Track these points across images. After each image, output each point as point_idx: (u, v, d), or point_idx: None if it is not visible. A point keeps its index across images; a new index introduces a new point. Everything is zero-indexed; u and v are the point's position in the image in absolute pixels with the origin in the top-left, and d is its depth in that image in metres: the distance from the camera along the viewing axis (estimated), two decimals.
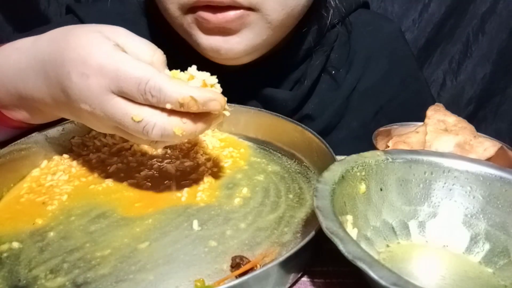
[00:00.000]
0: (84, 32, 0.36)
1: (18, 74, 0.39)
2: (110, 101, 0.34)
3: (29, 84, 0.39)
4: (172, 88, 0.32)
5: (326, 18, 0.59)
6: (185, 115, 0.34)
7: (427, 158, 0.35)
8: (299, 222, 0.37)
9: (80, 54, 0.34)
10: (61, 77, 0.35)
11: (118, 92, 0.33)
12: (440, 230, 0.34)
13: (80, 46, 0.34)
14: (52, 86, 0.37)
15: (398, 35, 0.68)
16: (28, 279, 0.30)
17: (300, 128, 0.47)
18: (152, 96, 0.32)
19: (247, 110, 0.52)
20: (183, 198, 0.40)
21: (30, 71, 0.38)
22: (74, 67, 0.34)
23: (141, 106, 0.34)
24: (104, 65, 0.33)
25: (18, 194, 0.40)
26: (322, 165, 0.39)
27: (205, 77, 0.35)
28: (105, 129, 0.37)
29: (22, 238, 0.34)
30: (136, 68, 0.33)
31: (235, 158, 0.48)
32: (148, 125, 0.33)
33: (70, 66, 0.34)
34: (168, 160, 0.46)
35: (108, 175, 0.43)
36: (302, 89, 0.60)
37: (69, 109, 0.37)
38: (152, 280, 0.30)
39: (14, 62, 0.39)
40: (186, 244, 0.34)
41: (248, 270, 0.30)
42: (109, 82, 0.33)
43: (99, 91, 0.33)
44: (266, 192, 0.41)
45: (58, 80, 0.36)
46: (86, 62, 0.34)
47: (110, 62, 0.33)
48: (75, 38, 0.35)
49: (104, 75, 0.33)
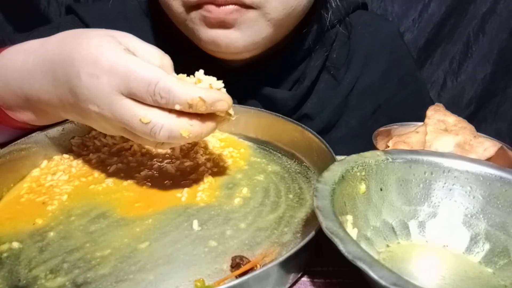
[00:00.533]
0: (96, 34, 0.36)
1: (25, 75, 0.39)
2: (119, 102, 0.34)
3: (36, 85, 0.39)
4: (181, 89, 0.33)
5: (326, 19, 0.59)
6: (192, 117, 0.35)
7: (427, 158, 0.35)
8: (299, 222, 0.37)
9: (91, 54, 0.34)
10: (70, 77, 0.35)
11: (127, 93, 0.34)
12: (440, 230, 0.34)
13: (91, 47, 0.35)
14: (60, 87, 0.37)
15: (397, 35, 0.68)
16: (28, 279, 0.30)
17: (300, 128, 0.47)
18: (161, 97, 0.33)
19: (247, 110, 0.52)
20: (183, 198, 0.40)
21: (38, 72, 0.38)
22: (84, 67, 0.34)
23: (149, 107, 0.34)
24: (114, 66, 0.33)
25: (18, 194, 0.40)
26: (322, 165, 0.39)
27: (212, 81, 0.36)
28: (112, 130, 0.38)
29: (22, 238, 0.34)
30: (146, 69, 0.33)
31: (235, 158, 0.48)
32: (156, 126, 0.34)
33: (80, 66, 0.34)
34: (168, 160, 0.46)
35: (108, 175, 0.43)
36: (301, 88, 0.60)
37: (75, 110, 0.38)
38: (152, 280, 0.30)
39: (22, 63, 0.39)
40: (186, 244, 0.34)
41: (248, 270, 0.30)
42: (119, 83, 0.33)
43: (108, 92, 0.34)
44: (266, 192, 0.41)
45: (67, 80, 0.36)
46: (97, 63, 0.34)
47: (121, 63, 0.33)
48: (86, 40, 0.36)
49: (114, 76, 0.33)
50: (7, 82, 0.40)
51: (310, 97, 0.62)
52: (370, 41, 0.64)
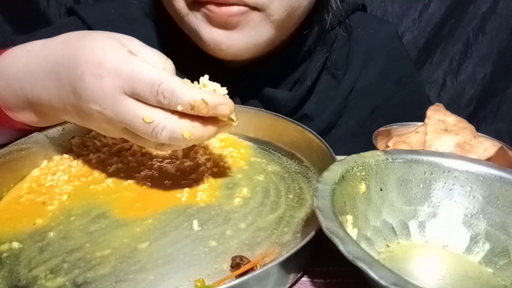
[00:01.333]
0: (99, 37, 0.36)
1: (27, 75, 0.39)
2: (123, 102, 0.34)
3: (37, 85, 0.39)
4: (184, 91, 0.33)
5: (326, 20, 0.59)
6: (194, 120, 0.35)
7: (427, 158, 0.35)
8: (299, 222, 0.37)
9: (95, 56, 0.35)
10: (73, 78, 0.35)
11: (131, 94, 0.34)
12: (440, 230, 0.34)
13: (95, 49, 0.35)
14: (62, 87, 0.37)
15: (395, 36, 0.69)
16: (28, 279, 0.30)
17: (300, 128, 0.47)
18: (164, 97, 0.33)
19: (247, 110, 0.52)
20: (183, 198, 0.40)
21: (40, 72, 0.38)
22: (89, 68, 0.35)
23: (152, 108, 0.34)
24: (119, 67, 0.34)
25: (18, 194, 0.40)
26: (322, 165, 0.39)
27: (216, 87, 0.37)
28: (112, 131, 0.38)
29: (22, 238, 0.34)
30: (150, 71, 0.34)
31: (235, 158, 0.48)
32: (158, 126, 0.34)
33: (84, 67, 0.35)
34: (168, 160, 0.46)
35: (108, 175, 0.43)
36: (301, 89, 0.60)
37: (76, 111, 0.38)
38: (152, 280, 0.30)
39: (24, 64, 0.39)
40: (186, 244, 0.34)
41: (248, 270, 0.30)
42: (123, 83, 0.34)
43: (112, 92, 0.34)
44: (266, 192, 0.41)
45: (70, 81, 0.36)
46: (102, 64, 0.34)
47: (125, 65, 0.34)
48: (90, 41, 0.36)
49: (118, 76, 0.34)
50: (9, 81, 0.40)
51: (310, 97, 0.62)
52: (369, 42, 0.65)
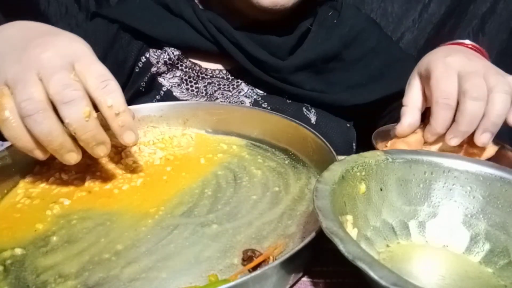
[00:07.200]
0: (64, 36, 0.38)
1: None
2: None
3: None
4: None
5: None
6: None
7: (427, 158, 0.35)
8: (301, 214, 0.38)
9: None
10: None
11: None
12: (440, 230, 0.34)
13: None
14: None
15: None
16: (37, 284, 0.30)
17: (294, 124, 0.48)
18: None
19: (240, 108, 0.53)
20: (187, 195, 0.40)
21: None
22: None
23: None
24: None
25: (14, 201, 0.39)
26: (322, 165, 0.39)
27: None
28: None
29: (24, 244, 0.34)
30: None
31: (231, 155, 0.48)
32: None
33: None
34: (165, 161, 0.46)
35: (107, 177, 0.43)
36: (294, 35, 0.66)
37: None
38: (165, 277, 0.30)
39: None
40: (193, 241, 0.34)
41: (261, 262, 0.30)
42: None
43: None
44: (265, 187, 0.42)
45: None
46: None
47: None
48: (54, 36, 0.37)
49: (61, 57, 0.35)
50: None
51: (302, 45, 0.66)
52: (356, 14, 0.73)
